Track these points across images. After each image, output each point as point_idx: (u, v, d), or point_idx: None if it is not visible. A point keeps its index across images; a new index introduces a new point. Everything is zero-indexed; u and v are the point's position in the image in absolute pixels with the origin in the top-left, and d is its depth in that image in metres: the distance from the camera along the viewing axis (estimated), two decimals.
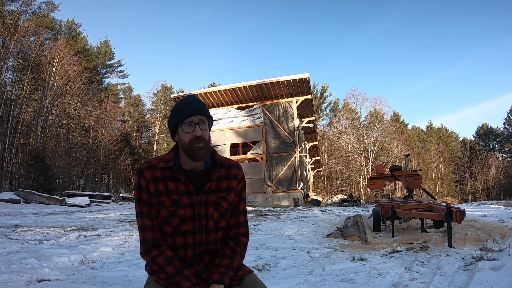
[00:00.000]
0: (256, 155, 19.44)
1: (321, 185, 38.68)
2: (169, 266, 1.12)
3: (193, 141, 1.13)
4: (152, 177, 1.16)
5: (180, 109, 1.16)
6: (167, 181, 1.16)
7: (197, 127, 1.14)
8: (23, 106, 21.57)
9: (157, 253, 1.14)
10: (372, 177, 8.01)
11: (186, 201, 1.16)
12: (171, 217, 1.16)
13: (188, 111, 1.15)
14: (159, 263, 1.13)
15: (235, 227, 1.28)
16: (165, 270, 1.11)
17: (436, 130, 47.93)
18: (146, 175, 1.16)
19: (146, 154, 45.25)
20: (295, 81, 18.08)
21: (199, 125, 1.14)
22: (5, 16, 20.56)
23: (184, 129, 1.15)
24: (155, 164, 1.18)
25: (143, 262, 3.35)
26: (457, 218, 3.93)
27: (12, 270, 2.93)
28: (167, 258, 1.13)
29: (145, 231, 1.17)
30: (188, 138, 1.14)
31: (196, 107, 1.16)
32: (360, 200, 21.19)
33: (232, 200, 1.26)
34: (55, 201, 14.18)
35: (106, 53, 39.85)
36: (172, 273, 1.11)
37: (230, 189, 1.24)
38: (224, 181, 1.23)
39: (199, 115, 1.15)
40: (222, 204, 1.22)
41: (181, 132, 1.16)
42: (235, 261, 1.20)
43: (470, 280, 2.47)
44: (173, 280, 1.10)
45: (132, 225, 7.08)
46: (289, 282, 2.67)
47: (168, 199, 1.15)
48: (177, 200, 1.16)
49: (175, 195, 1.16)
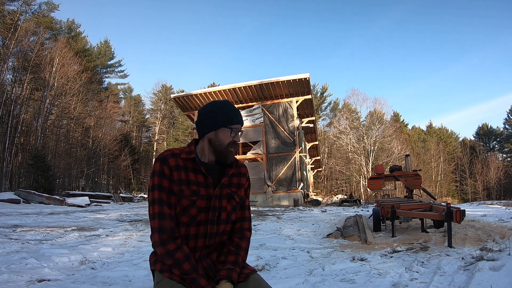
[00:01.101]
0: (256, 155, 19.43)
1: (321, 185, 38.68)
2: (186, 263, 1.13)
3: (231, 145, 1.24)
4: (176, 164, 1.20)
5: (231, 113, 1.25)
6: (188, 172, 1.21)
7: (238, 135, 1.27)
8: (23, 106, 21.57)
9: (175, 247, 1.13)
10: (372, 177, 8.01)
11: (203, 193, 1.21)
12: (191, 207, 1.18)
13: (239, 118, 1.27)
14: (177, 258, 1.12)
15: (240, 220, 1.34)
16: (181, 266, 1.12)
17: (436, 130, 47.95)
18: (170, 162, 1.19)
19: (146, 154, 45.29)
20: (295, 81, 18.08)
21: (239, 133, 1.27)
22: (5, 16, 20.57)
23: (227, 132, 1.24)
24: (178, 153, 1.23)
25: (143, 262, 3.36)
26: (457, 218, 3.93)
27: (12, 270, 2.93)
28: (186, 254, 1.14)
29: (163, 219, 1.14)
30: (228, 141, 1.23)
31: (240, 117, 1.29)
32: (360, 200, 21.18)
33: (243, 196, 1.34)
34: (55, 201, 14.19)
35: (106, 53, 39.87)
36: (188, 269, 1.12)
37: (240, 185, 1.32)
38: (236, 178, 1.32)
39: (241, 124, 1.28)
40: (235, 197, 1.29)
41: (223, 133, 1.23)
42: (240, 257, 1.24)
43: (470, 280, 2.47)
44: (189, 277, 1.12)
45: (132, 225, 7.08)
46: (289, 282, 2.67)
47: (188, 189, 1.19)
48: (196, 191, 1.20)
49: (195, 185, 1.20)
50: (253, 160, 19.62)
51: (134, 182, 37.52)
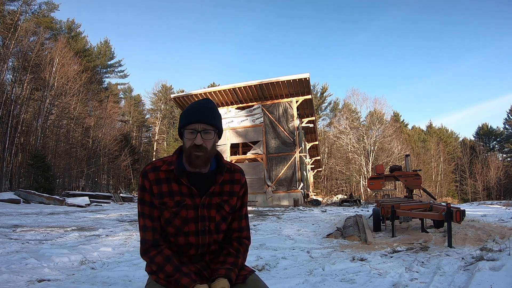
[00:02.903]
0: (256, 155, 19.44)
1: (321, 185, 38.67)
2: (168, 265, 1.12)
3: (192, 149, 1.12)
4: (156, 178, 1.16)
5: (187, 113, 1.15)
6: (170, 183, 1.17)
7: (198, 136, 1.11)
8: (23, 106, 21.57)
9: (156, 253, 1.15)
10: (372, 177, 8.01)
11: (189, 203, 1.17)
12: (174, 218, 1.16)
13: (192, 117, 1.12)
14: (157, 262, 1.13)
15: (237, 231, 1.29)
16: (164, 269, 1.12)
17: (436, 130, 47.92)
18: (150, 177, 1.17)
19: (146, 154, 45.29)
20: (295, 81, 18.08)
21: (201, 133, 1.12)
22: (5, 16, 20.55)
23: (186, 135, 1.14)
24: (159, 165, 1.19)
25: (143, 262, 3.35)
26: (457, 218, 3.93)
27: (12, 270, 2.93)
28: (166, 257, 1.14)
29: (145, 232, 1.18)
30: (189, 145, 1.13)
31: (202, 114, 1.12)
32: (360, 200, 21.18)
33: (234, 205, 1.26)
34: (55, 201, 14.18)
35: (106, 53, 39.87)
36: (170, 271, 1.11)
37: (233, 193, 1.25)
38: (228, 185, 1.24)
39: (203, 123, 1.12)
40: (225, 207, 1.23)
41: (186, 136, 1.15)
42: (239, 259, 1.22)
43: (470, 280, 2.47)
44: (172, 279, 1.10)
45: (132, 225, 7.08)
46: (289, 282, 2.67)
47: (171, 200, 1.16)
48: (180, 201, 1.16)
49: (178, 196, 1.16)
50: (253, 160, 19.63)
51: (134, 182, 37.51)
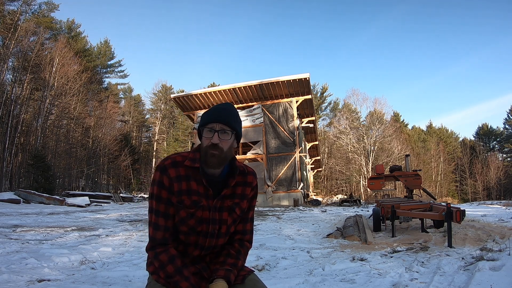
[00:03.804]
0: (256, 155, 19.43)
1: (321, 185, 38.67)
2: (170, 265, 1.11)
3: (209, 147, 1.12)
4: (177, 175, 1.14)
5: (208, 113, 1.16)
6: (189, 181, 1.15)
7: (216, 135, 1.12)
8: (23, 106, 21.58)
9: (162, 250, 1.14)
10: (372, 177, 8.01)
11: (204, 203, 1.16)
12: (190, 218, 1.15)
13: (212, 116, 1.14)
14: (161, 260, 1.12)
15: (241, 233, 1.28)
16: (165, 268, 1.11)
17: (436, 130, 47.94)
18: (170, 173, 1.13)
19: (146, 154, 45.32)
20: (295, 81, 18.08)
21: (218, 133, 1.12)
22: (5, 16, 20.57)
23: (205, 133, 1.14)
24: (180, 161, 1.16)
25: (143, 262, 3.36)
26: (457, 218, 3.93)
27: (12, 270, 2.93)
28: (170, 256, 1.13)
29: (157, 230, 1.16)
30: (206, 143, 1.13)
31: (221, 115, 1.14)
32: (360, 200, 21.18)
33: (245, 207, 1.26)
34: (55, 201, 14.19)
35: (106, 53, 39.88)
36: (171, 272, 1.10)
37: (244, 196, 1.24)
38: (240, 188, 1.23)
39: (221, 123, 1.13)
40: (236, 210, 1.22)
41: (202, 135, 1.16)
42: (239, 261, 1.21)
43: (470, 280, 2.47)
44: (172, 280, 1.10)
45: (132, 225, 7.08)
46: (289, 282, 2.67)
47: (189, 199, 1.14)
48: (197, 201, 1.15)
49: (196, 195, 1.15)
50: (253, 160, 19.62)
51: (134, 182, 37.54)
